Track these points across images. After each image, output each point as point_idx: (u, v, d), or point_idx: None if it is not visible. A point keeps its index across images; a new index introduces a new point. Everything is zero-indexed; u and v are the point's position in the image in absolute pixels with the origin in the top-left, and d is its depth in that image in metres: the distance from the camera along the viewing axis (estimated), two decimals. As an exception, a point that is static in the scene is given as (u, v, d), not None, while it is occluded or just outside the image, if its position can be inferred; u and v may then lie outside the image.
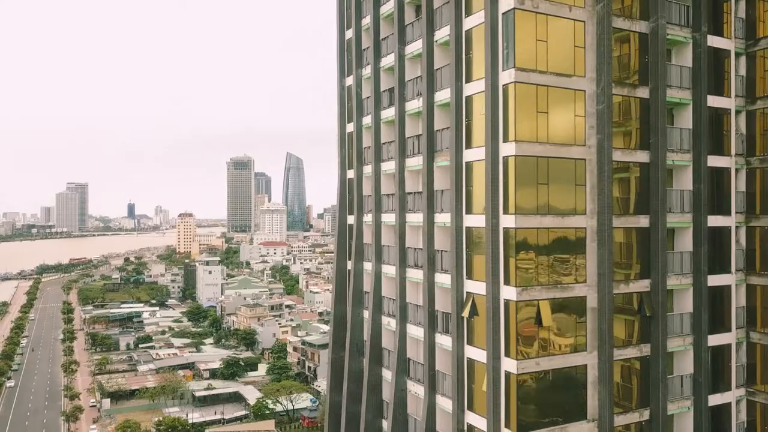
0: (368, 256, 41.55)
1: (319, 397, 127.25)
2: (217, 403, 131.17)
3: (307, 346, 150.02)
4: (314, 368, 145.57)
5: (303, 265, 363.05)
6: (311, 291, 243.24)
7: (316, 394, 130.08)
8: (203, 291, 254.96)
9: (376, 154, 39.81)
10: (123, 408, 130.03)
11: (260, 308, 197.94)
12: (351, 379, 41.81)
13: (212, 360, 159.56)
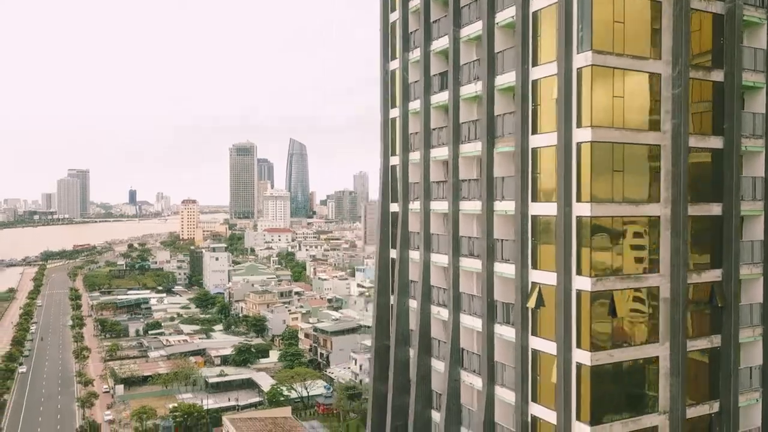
0: (415, 245, 40.73)
1: (332, 384, 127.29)
2: (230, 390, 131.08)
3: (319, 332, 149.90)
4: (327, 355, 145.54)
5: (309, 251, 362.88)
6: (319, 278, 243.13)
7: (330, 380, 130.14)
8: (210, 278, 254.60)
9: (425, 140, 38.83)
10: (136, 394, 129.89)
11: (269, 295, 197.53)
12: (397, 369, 41.13)
13: (223, 347, 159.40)
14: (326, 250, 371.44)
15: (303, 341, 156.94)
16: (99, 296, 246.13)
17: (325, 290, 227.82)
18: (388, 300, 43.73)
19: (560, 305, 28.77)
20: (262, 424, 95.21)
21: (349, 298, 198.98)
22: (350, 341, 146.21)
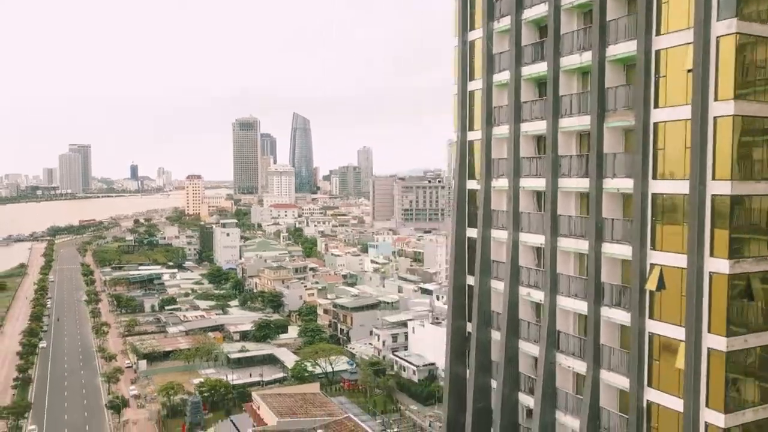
0: (499, 223, 39.28)
1: (354, 360, 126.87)
2: (251, 365, 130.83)
3: (339, 308, 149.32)
4: (347, 331, 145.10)
5: (317, 227, 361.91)
6: (332, 254, 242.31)
7: (351, 356, 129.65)
8: (221, 253, 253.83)
9: (515, 113, 37.13)
10: (159, 369, 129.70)
11: (284, 271, 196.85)
12: (479, 351, 40.00)
13: (241, 322, 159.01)
14: (334, 226, 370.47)
15: (322, 317, 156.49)
16: (111, 272, 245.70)
17: (339, 266, 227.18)
18: (464, 280, 42.43)
19: (690, 288, 27.47)
20: (292, 400, 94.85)
21: (364, 275, 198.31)
22: (370, 317, 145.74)
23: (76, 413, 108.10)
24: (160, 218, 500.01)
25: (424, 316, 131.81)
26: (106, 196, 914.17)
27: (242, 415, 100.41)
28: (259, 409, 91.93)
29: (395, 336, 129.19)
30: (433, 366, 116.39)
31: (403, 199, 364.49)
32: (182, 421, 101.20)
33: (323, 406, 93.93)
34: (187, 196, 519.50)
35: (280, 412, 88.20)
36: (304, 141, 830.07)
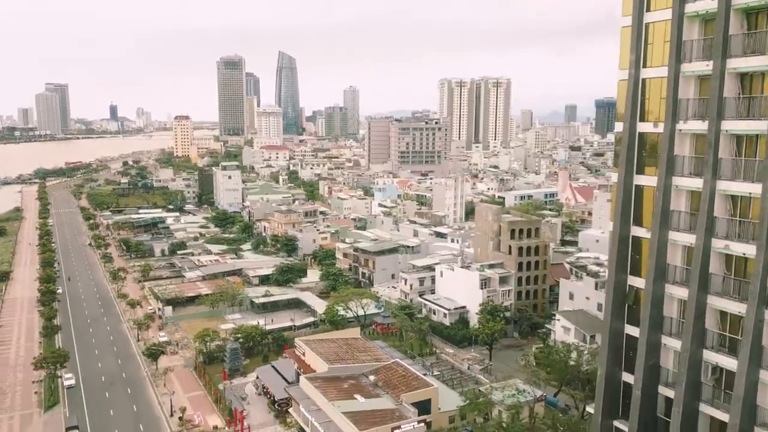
0: (684, 170, 36.30)
1: (382, 304, 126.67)
2: (277, 310, 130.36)
3: (360, 252, 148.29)
4: (369, 275, 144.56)
5: (313, 170, 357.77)
6: (338, 197, 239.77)
7: (378, 300, 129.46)
8: (223, 196, 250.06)
9: (722, 48, 32.91)
10: (184, 315, 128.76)
11: (294, 215, 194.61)
12: (654, 306, 37.76)
13: (260, 266, 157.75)
14: (330, 169, 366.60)
15: (341, 261, 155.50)
16: (111, 215, 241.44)
17: (345, 209, 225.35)
18: (628, 232, 39.96)
19: None
20: (336, 346, 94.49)
21: (375, 219, 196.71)
22: (392, 261, 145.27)
23: (109, 361, 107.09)
24: (148, 160, 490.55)
25: (451, 260, 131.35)
26: (86, 138, 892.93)
27: (283, 361, 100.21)
28: (305, 356, 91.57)
29: (422, 280, 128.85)
30: (464, 309, 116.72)
31: (400, 141, 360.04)
32: (219, 367, 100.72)
33: (368, 351, 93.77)
34: (175, 137, 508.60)
35: (328, 359, 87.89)
36: (290, 81, 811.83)
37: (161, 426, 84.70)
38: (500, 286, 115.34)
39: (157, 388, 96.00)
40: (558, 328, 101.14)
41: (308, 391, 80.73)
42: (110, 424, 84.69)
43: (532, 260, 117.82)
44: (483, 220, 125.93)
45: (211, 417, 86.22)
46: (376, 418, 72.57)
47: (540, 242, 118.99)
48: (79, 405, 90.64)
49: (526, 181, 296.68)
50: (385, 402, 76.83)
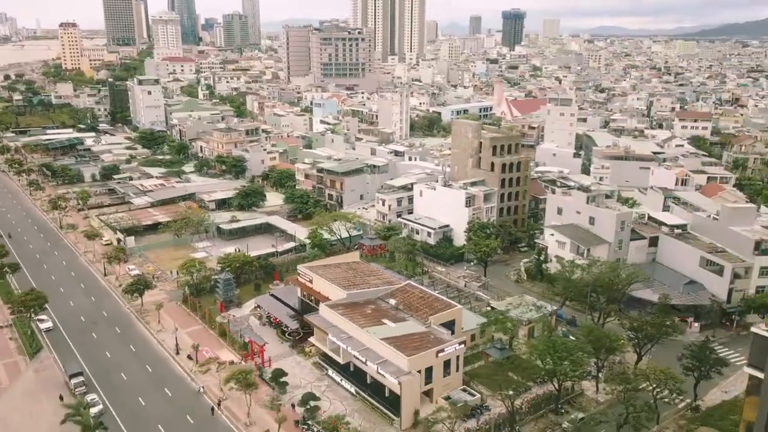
0: None
1: (359, 226, 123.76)
2: (245, 236, 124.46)
3: (326, 173, 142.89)
4: (338, 196, 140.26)
5: (229, 84, 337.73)
6: (275, 114, 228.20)
7: (357, 222, 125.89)
8: (144, 114, 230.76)
9: None
10: (148, 245, 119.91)
11: (235, 133, 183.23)
12: None
13: (213, 190, 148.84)
14: (248, 83, 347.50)
15: (303, 183, 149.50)
16: (16, 137, 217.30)
17: (283, 127, 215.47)
18: None
19: None
20: (342, 271, 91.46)
21: (322, 137, 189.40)
22: (360, 182, 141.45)
23: (80, 300, 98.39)
24: (32, 73, 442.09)
25: (427, 179, 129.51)
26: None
27: (284, 289, 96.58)
28: (312, 282, 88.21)
29: (399, 200, 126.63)
30: (447, 228, 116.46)
31: (322, 52, 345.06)
32: (209, 299, 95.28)
33: (375, 275, 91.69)
34: (62, 48, 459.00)
35: (341, 285, 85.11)
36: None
37: (170, 366, 79.55)
38: (485, 203, 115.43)
39: (148, 326, 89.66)
40: (551, 242, 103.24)
41: (332, 319, 78.00)
42: (112, 369, 78.43)
43: (513, 177, 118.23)
44: (461, 138, 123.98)
45: (221, 351, 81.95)
46: (415, 342, 71.53)
47: (521, 158, 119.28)
48: (66, 349, 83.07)
49: (456, 95, 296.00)
50: (415, 325, 75.76)
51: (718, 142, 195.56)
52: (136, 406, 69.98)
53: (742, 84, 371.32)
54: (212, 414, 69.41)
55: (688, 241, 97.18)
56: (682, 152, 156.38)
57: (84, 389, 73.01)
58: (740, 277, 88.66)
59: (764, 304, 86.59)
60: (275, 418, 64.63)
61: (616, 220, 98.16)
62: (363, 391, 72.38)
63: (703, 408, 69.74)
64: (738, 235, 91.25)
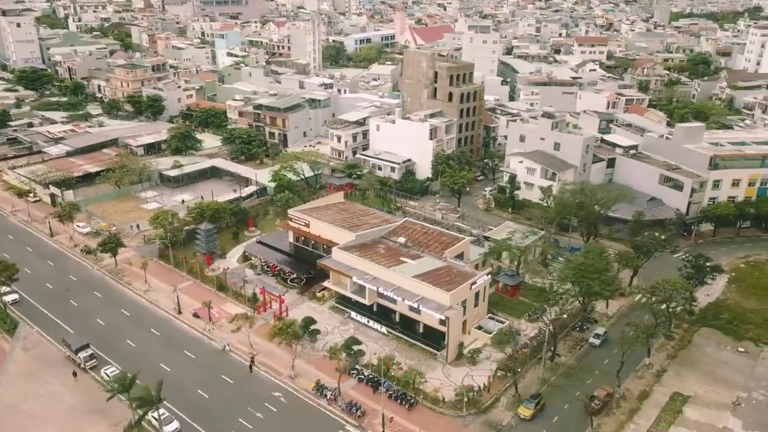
0: None
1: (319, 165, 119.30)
2: (192, 183, 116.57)
3: (265, 110, 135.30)
4: (282, 134, 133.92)
5: (97, 14, 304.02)
6: (174, 47, 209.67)
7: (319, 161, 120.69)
8: (15, 50, 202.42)
9: None
10: (88, 199, 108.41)
11: (141, 69, 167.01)
12: None
13: (138, 134, 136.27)
14: (117, 12, 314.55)
15: (238, 121, 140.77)
16: None
17: (185, 60, 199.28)
18: None
19: None
20: (335, 212, 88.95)
21: (237, 72, 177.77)
22: (303, 118, 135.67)
23: (36, 265, 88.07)
24: None
25: (377, 112, 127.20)
26: None
27: (271, 235, 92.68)
28: (309, 226, 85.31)
29: (354, 135, 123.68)
30: (409, 162, 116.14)
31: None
32: (186, 252, 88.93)
33: (369, 214, 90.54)
34: None
35: (346, 226, 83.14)
36: None
37: (178, 327, 74.41)
38: (446, 134, 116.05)
39: (130, 286, 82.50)
40: (520, 169, 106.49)
41: (349, 261, 76.26)
42: (113, 337, 71.92)
43: (470, 106, 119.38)
44: (414, 68, 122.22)
45: (225, 306, 77.77)
46: (444, 276, 72.21)
47: (477, 87, 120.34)
48: (48, 321, 74.73)
49: (351, 24, 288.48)
50: (433, 261, 76.21)
51: (613, 66, 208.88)
52: (162, 373, 64.82)
53: (608, 9, 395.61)
54: (251, 371, 66.40)
55: (645, 160, 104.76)
56: (597, 77, 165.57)
57: (95, 362, 66.62)
58: (696, 191, 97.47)
59: (717, 214, 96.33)
60: (318, 367, 63.26)
61: (582, 144, 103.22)
62: (394, 329, 72.44)
63: (697, 311, 77.44)
64: (692, 152, 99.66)
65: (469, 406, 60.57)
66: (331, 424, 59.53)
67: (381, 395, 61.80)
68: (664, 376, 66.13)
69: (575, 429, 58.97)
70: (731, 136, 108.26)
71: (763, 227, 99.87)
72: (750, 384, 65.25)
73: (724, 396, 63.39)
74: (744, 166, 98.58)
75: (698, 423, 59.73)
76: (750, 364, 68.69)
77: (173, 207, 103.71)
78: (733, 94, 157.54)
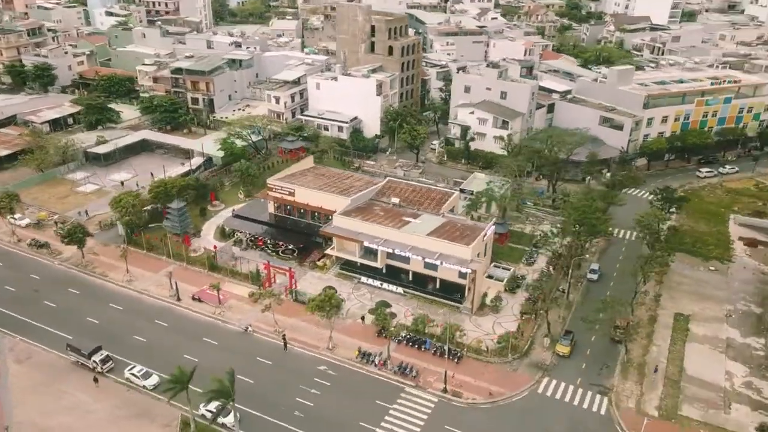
0: None
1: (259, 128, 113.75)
2: (124, 159, 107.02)
3: (186, 74, 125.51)
4: (207, 99, 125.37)
5: None
6: (40, 7, 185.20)
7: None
8: None
9: None
10: (13, 185, 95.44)
11: (14, 35, 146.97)
12: None
13: (38, 109, 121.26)
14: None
15: (154, 87, 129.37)
16: None
17: (56, 22, 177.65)
18: None
19: None
20: (315, 177, 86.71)
21: (129, 33, 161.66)
22: (227, 81, 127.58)
23: (-19, 265, 77.19)
24: None
25: (312, 70, 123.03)
26: None
27: (246, 206, 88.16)
28: (294, 195, 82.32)
29: (293, 96, 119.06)
30: (356, 120, 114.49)
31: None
32: (155, 234, 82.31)
33: (349, 177, 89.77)
34: None
35: (337, 192, 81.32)
36: None
37: (185, 315, 69.72)
38: (390, 89, 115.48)
39: (108, 277, 75.31)
40: (472, 120, 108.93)
41: (354, 226, 75.04)
42: (117, 334, 65.89)
43: (410, 59, 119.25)
44: (350, 22, 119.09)
45: (225, 285, 73.49)
46: (454, 231, 73.59)
47: (415, 40, 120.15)
48: (28, 327, 66.65)
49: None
50: (432, 217, 77.27)
51: (502, 14, 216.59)
52: (189, 365, 60.57)
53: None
54: (285, 349, 64.15)
55: (583, 103, 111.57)
56: (501, 25, 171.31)
57: (112, 365, 60.91)
58: (634, 129, 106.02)
59: (654, 149, 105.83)
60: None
61: (530, 91, 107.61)
62: (410, 288, 72.94)
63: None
64: (628, 94, 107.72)
65: (511, 351, 63.25)
66: (390, 388, 59.60)
67: (427, 353, 62.78)
68: (661, 301, 72.97)
69: (609, 358, 63.87)
70: (651, 77, 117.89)
71: (686, 158, 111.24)
72: (732, 297, 74.04)
73: (716, 311, 71.47)
74: (670, 103, 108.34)
75: (706, 337, 67.09)
76: (724, 280, 77.70)
77: (114, 188, 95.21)
78: (622, 36, 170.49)
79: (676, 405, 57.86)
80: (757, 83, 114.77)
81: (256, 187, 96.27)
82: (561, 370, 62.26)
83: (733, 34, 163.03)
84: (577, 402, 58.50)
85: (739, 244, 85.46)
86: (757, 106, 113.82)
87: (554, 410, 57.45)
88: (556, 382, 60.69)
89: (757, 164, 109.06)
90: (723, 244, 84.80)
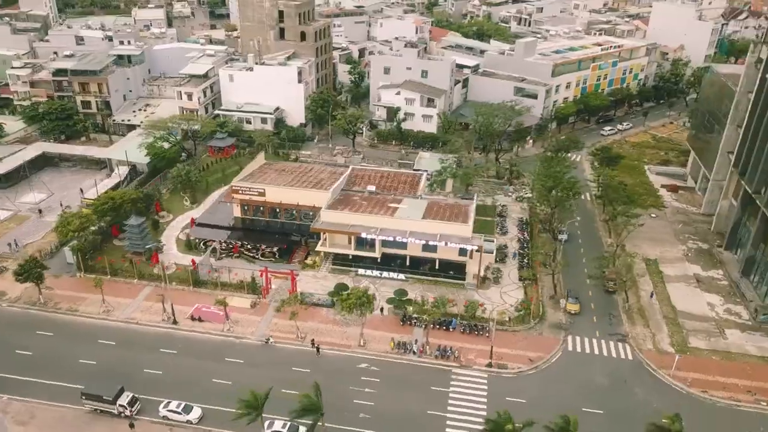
0: None
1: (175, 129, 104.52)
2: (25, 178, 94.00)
3: (72, 75, 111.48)
4: (102, 102, 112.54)
5: None
6: None
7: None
8: None
9: None
10: None
11: None
12: None
13: None
14: None
15: (33, 93, 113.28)
16: None
17: None
18: None
19: None
20: (277, 175, 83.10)
21: None
22: (121, 79, 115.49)
23: None
24: None
25: (220, 61, 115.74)
26: None
27: (208, 213, 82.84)
28: (265, 194, 78.43)
29: (204, 90, 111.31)
30: (279, 110, 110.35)
31: None
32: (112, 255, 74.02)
33: (313, 170, 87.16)
34: None
35: (310, 187, 78.58)
36: None
37: (193, 338, 64.13)
38: (309, 75, 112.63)
39: (79, 312, 66.71)
40: (399, 100, 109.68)
41: (345, 219, 73.44)
42: (124, 373, 58.79)
43: (323, 44, 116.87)
44: (255, 8, 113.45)
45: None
46: (444, 211, 75.14)
47: (326, 23, 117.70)
48: (10, 382, 57.34)
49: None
50: (414, 200, 78.17)
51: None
52: (228, 390, 56.43)
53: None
54: (318, 354, 61.77)
55: (495, 76, 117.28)
56: (379, 4, 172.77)
57: (139, 405, 54.74)
58: (546, 97, 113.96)
59: (566, 114, 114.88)
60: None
61: (450, 68, 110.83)
62: (412, 273, 73.22)
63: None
64: (537, 64, 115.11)
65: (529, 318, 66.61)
66: (438, 372, 60.10)
67: (455, 333, 64.09)
68: (627, 249, 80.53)
69: (611, 308, 69.58)
70: (546, 47, 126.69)
71: (587, 119, 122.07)
72: (679, 238, 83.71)
73: (674, 252, 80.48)
74: (570, 70, 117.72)
75: (678, 276, 75.49)
76: (665, 224, 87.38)
77: (29, 212, 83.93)
78: (489, 10, 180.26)
79: (683, 339, 64.87)
80: (633, 47, 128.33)
81: (199, 192, 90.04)
82: (577, 326, 66.73)
83: (585, 3, 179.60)
84: (605, 353, 63.25)
85: (663, 191, 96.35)
86: (636, 67, 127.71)
87: (590, 364, 61.73)
88: (579, 338, 65.03)
89: (646, 119, 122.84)
90: (652, 193, 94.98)
